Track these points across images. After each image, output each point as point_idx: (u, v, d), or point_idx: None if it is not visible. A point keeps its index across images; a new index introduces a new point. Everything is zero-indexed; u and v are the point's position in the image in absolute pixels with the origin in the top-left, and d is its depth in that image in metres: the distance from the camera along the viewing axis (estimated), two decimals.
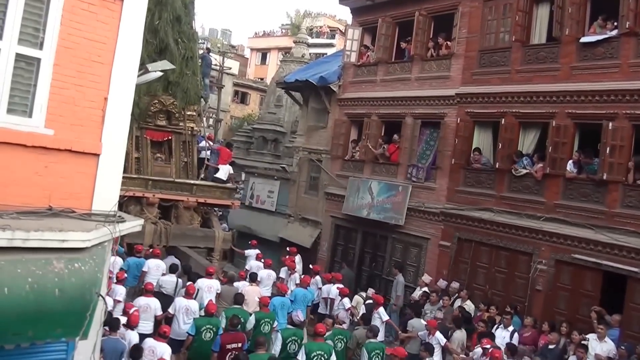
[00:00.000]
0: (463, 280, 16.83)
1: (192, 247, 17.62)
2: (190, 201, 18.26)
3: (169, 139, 18.70)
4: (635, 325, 13.12)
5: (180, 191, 18.18)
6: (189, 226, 18.28)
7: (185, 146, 18.99)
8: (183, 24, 18.55)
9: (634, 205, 13.53)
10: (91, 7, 6.83)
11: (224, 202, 19.52)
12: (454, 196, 17.65)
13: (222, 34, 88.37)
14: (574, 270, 14.58)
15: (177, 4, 18.28)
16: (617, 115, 13.92)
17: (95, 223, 6.54)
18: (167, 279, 14.12)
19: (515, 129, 16.35)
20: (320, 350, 10.31)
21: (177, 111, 18.44)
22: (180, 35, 18.36)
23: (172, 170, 18.63)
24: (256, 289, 14.17)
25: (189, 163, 19.05)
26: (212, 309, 11.59)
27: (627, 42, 14.10)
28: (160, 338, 10.10)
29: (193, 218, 18.65)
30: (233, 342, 10.64)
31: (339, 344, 11.61)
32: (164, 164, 18.64)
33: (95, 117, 6.96)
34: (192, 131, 19.09)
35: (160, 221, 17.66)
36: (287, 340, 11.05)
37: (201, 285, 13.29)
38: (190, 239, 17.93)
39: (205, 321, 11.29)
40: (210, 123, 52.55)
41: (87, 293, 6.02)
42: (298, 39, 40.62)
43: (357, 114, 21.76)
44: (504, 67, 16.81)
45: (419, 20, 19.47)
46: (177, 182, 18.21)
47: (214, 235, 18.49)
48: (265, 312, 12.25)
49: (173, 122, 18.57)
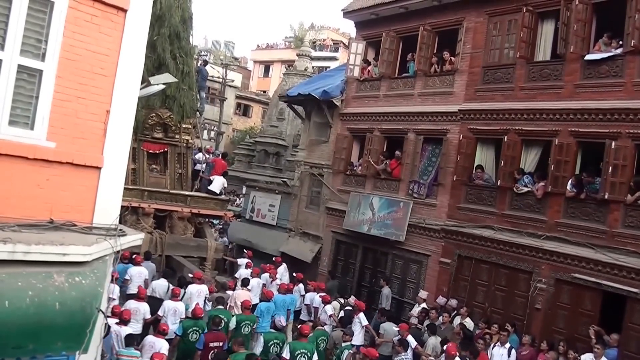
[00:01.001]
0: (463, 297, 16.75)
1: (185, 256, 18.08)
2: (184, 212, 18.81)
3: (165, 151, 19.25)
4: (634, 346, 13.03)
5: (175, 202, 18.75)
6: (183, 236, 18.74)
7: (180, 158, 19.58)
8: (181, 39, 19.04)
9: (635, 225, 13.47)
10: (94, 19, 6.85)
11: (217, 213, 20.15)
12: (455, 213, 17.61)
13: (225, 46, 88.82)
14: (574, 289, 14.51)
15: (175, 19, 18.74)
16: (620, 134, 13.88)
17: (97, 237, 6.53)
18: (160, 283, 14.87)
19: (518, 146, 16.32)
20: (303, 349, 11.15)
21: (173, 124, 19.00)
22: (179, 51, 18.85)
23: (167, 181, 19.23)
24: (247, 294, 14.76)
25: (183, 174, 19.70)
26: (199, 312, 12.39)
27: (632, 61, 14.08)
28: (160, 335, 11.01)
29: (186, 228, 19.12)
30: (215, 341, 11.42)
31: (321, 344, 12.57)
32: (160, 175, 19.22)
33: (97, 130, 6.97)
34: (187, 143, 19.68)
35: (155, 231, 18.13)
36: (269, 343, 11.91)
37: (192, 289, 14.27)
38: (184, 248, 18.41)
39: (192, 323, 12.06)
40: (212, 135, 52.70)
41: (87, 307, 6.01)
42: (301, 52, 40.73)
43: (359, 128, 21.75)
44: (508, 83, 16.80)
45: (423, 35, 19.49)
46: (171, 193, 18.75)
47: (207, 245, 18.97)
48: (247, 315, 13.04)
49: (169, 134, 19.13)
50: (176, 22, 18.82)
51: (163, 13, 18.23)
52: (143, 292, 13.46)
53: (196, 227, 19.59)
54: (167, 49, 18.32)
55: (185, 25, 19.25)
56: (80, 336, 6.05)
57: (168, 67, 17.63)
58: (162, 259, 17.88)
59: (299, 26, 74.11)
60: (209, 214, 20.01)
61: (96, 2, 6.79)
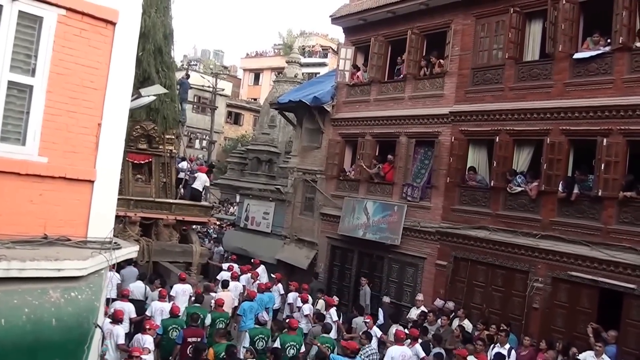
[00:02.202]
0: (460, 299, 16.75)
1: (172, 262, 18.79)
2: (169, 219, 19.44)
3: (150, 161, 19.91)
4: (632, 342, 13.06)
5: (160, 210, 19.42)
6: (169, 242, 19.40)
7: (165, 167, 20.25)
8: (164, 54, 19.80)
9: (630, 221, 13.52)
10: (83, 33, 6.82)
11: (201, 220, 20.93)
12: (450, 215, 17.63)
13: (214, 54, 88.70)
14: (571, 287, 14.54)
15: (158, 35, 19.47)
16: (612, 131, 13.94)
17: (91, 250, 6.49)
18: (137, 285, 15.68)
19: (510, 146, 16.37)
20: (292, 342, 12.07)
21: (157, 135, 19.68)
22: (162, 65, 19.59)
23: (152, 190, 19.87)
24: (229, 294, 15.83)
25: (167, 183, 20.33)
26: (176, 310, 13.12)
27: (621, 58, 14.14)
28: (147, 332, 11.66)
29: (172, 235, 19.75)
30: (194, 336, 12.06)
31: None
32: (145, 184, 19.85)
33: (89, 144, 6.93)
34: (170, 153, 20.32)
35: (142, 238, 18.69)
36: (255, 338, 12.44)
37: (177, 289, 15.27)
38: (170, 254, 19.12)
39: (171, 322, 12.78)
40: (204, 145, 52.67)
41: (84, 322, 5.98)
42: (291, 59, 40.75)
43: (351, 133, 21.78)
44: (498, 84, 16.86)
45: (412, 39, 19.54)
46: (157, 202, 19.42)
47: (192, 251, 19.68)
48: (220, 312, 13.88)
49: (153, 145, 19.78)
50: (160, 38, 19.53)
51: (148, 30, 18.74)
52: (127, 292, 14.34)
53: (181, 234, 20.21)
54: (151, 63, 19.00)
55: (167, 41, 20.01)
56: (78, 352, 6.02)
57: (152, 82, 17.96)
58: (150, 264, 18.51)
59: (287, 33, 74.23)
60: (194, 221, 20.70)
61: (85, 16, 6.76)
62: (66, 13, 6.62)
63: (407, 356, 12.17)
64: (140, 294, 15.46)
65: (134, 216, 18.64)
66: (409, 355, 12.25)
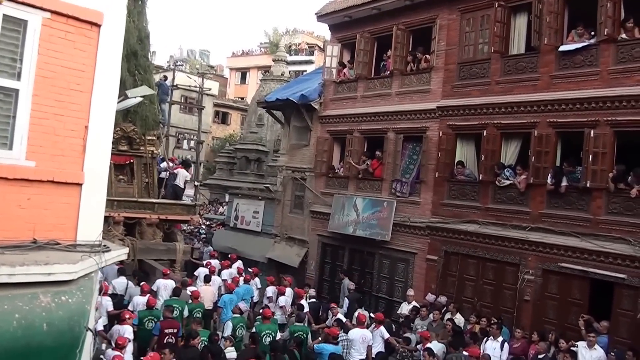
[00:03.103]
0: (451, 293, 16.81)
1: (156, 259, 19.21)
2: (152, 218, 19.86)
3: (131, 162, 20.32)
4: (624, 331, 13.16)
5: (143, 209, 19.83)
6: (152, 241, 19.81)
7: (146, 168, 20.72)
8: (139, 57, 20.35)
9: (619, 211, 13.61)
10: (68, 35, 6.78)
11: (183, 218, 21.38)
12: (439, 209, 17.67)
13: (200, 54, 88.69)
14: (562, 279, 14.61)
15: (132, 40, 19.86)
16: (599, 122, 14.00)
17: (81, 254, 6.46)
18: (119, 281, 16.12)
19: (497, 140, 16.42)
20: (268, 330, 13.02)
21: (137, 137, 20.12)
22: (137, 68, 20.10)
23: (135, 190, 20.31)
24: (210, 288, 16.70)
25: (150, 183, 20.74)
26: (152, 302, 13.81)
27: (606, 49, 14.21)
28: (124, 322, 12.07)
29: (155, 233, 20.18)
30: (170, 328, 12.66)
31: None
32: (127, 185, 20.25)
33: (76, 147, 6.89)
34: (152, 154, 20.75)
35: (126, 238, 19.04)
36: (237, 326, 13.44)
37: (159, 284, 15.91)
38: (154, 252, 19.56)
39: (147, 313, 13.48)
40: (192, 145, 52.55)
41: (75, 326, 5.95)
42: (277, 57, 40.76)
43: (339, 130, 21.78)
44: (484, 78, 16.90)
45: (397, 35, 19.56)
46: (139, 201, 19.88)
47: (175, 248, 20.11)
48: (196, 304, 14.73)
49: (134, 146, 20.19)
50: (134, 42, 19.94)
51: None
52: (106, 288, 14.72)
53: (165, 232, 20.67)
54: (125, 67, 19.11)
55: (142, 44, 20.58)
56: (70, 356, 5.99)
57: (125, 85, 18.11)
58: (135, 262, 18.84)
59: (273, 31, 74.20)
60: (176, 219, 21.13)
61: (70, 18, 6.72)
62: (51, 16, 6.58)
63: (367, 338, 12.97)
64: (122, 289, 15.91)
65: (118, 216, 18.93)
66: (369, 338, 13.03)
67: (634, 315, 12.90)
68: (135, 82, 19.11)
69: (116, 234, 18.48)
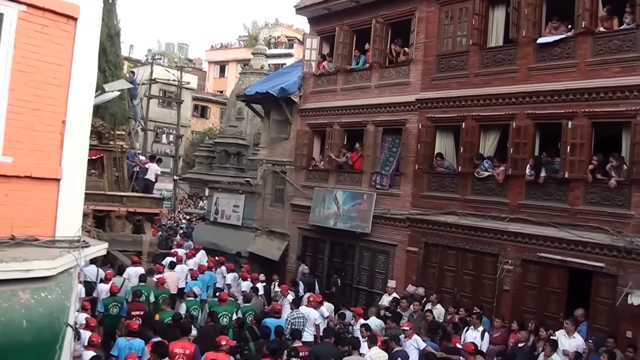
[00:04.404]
0: (432, 284, 16.93)
1: (122, 250, 19.45)
2: (121, 211, 20.18)
3: (101, 156, 20.51)
4: (602, 319, 13.38)
5: (112, 202, 20.09)
6: (120, 233, 20.11)
7: (116, 162, 21.01)
8: (109, 54, 20.53)
9: (596, 201, 13.77)
10: (45, 29, 6.71)
11: (152, 211, 21.55)
12: (419, 201, 17.75)
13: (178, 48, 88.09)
14: (540, 268, 14.77)
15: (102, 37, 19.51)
16: (576, 114, 14.14)
17: (60, 250, 6.42)
18: (90, 269, 15.95)
19: (476, 132, 16.52)
20: (225, 312, 13.82)
21: (106, 132, 20.41)
22: (107, 65, 20.24)
23: (105, 184, 20.53)
24: (174, 274, 17.41)
25: (119, 177, 21.16)
26: (115, 289, 14.47)
27: (584, 42, 14.33)
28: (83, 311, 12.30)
29: (125, 226, 20.46)
30: (137, 310, 13.44)
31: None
32: (98, 179, 20.35)
33: (54, 142, 6.84)
34: (121, 149, 21.11)
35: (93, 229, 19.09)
36: (190, 308, 14.26)
37: (129, 271, 16.43)
38: (120, 243, 19.68)
39: (111, 300, 13.99)
40: (171, 139, 52.31)
41: (55, 322, 5.91)
42: (256, 50, 40.63)
43: (319, 123, 21.79)
44: (463, 71, 16.98)
45: (376, 28, 19.57)
46: (108, 194, 20.08)
47: (142, 240, 20.40)
48: (162, 289, 15.36)
49: (104, 141, 20.42)
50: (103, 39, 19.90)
51: None
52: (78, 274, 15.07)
53: (135, 225, 20.90)
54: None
55: (112, 41, 20.80)
56: (50, 352, 5.96)
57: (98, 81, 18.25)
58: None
59: (252, 25, 73.93)
60: (145, 212, 21.32)
61: (46, 12, 6.66)
62: (27, 9, 6.51)
63: (311, 317, 13.91)
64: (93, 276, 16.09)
65: (86, 209, 19.00)
66: (313, 317, 13.99)
67: (612, 303, 13.07)
68: (105, 79, 19.21)
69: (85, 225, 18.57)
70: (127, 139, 21.95)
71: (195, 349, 10.78)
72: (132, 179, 21.86)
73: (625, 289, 12.71)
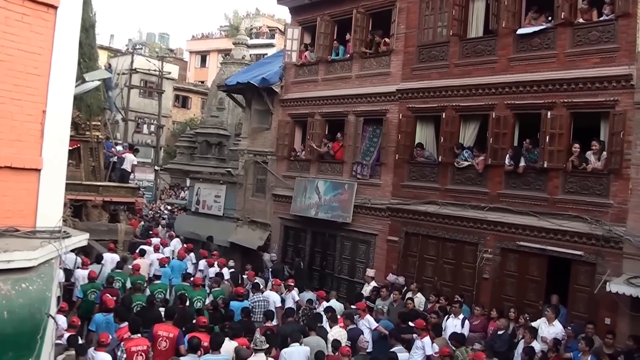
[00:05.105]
0: (412, 273, 17.04)
1: (98, 239, 19.53)
2: (97, 200, 20.61)
3: (78, 147, 20.75)
4: (581, 306, 13.59)
5: (89, 192, 20.48)
6: (97, 222, 20.54)
7: (93, 152, 21.45)
8: (84, 46, 20.47)
9: (575, 190, 13.91)
10: (25, 18, 6.68)
11: (128, 200, 22.12)
12: (400, 191, 17.85)
13: (160, 38, 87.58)
14: (520, 257, 14.93)
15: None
16: (555, 104, 14.26)
17: (41, 240, 6.41)
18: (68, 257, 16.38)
19: (456, 122, 16.61)
20: (199, 296, 14.58)
21: (82, 122, 20.74)
22: (82, 57, 20.14)
23: (82, 174, 20.89)
24: (145, 261, 17.77)
25: (96, 167, 21.55)
26: (93, 275, 15.10)
27: (563, 33, 14.43)
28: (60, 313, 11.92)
29: (101, 215, 20.95)
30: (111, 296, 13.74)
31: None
32: (75, 168, 20.45)
33: (34, 132, 6.82)
34: (97, 139, 21.49)
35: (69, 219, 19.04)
36: (155, 292, 14.95)
37: (106, 257, 17.08)
38: (96, 232, 19.67)
39: (89, 286, 14.66)
40: (152, 130, 52.03)
41: (36, 313, 5.91)
42: (237, 40, 40.44)
43: (300, 114, 21.79)
44: (443, 61, 17.05)
45: (357, 18, 19.59)
46: (84, 184, 20.48)
47: (117, 229, 20.82)
48: (137, 275, 15.89)
49: (80, 132, 20.71)
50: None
51: None
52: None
53: (111, 214, 21.28)
54: None
55: (87, 33, 20.82)
56: (32, 344, 5.96)
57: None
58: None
59: (233, 14, 73.65)
60: (121, 201, 21.80)
61: (26, 0, 6.63)
62: None
63: (271, 300, 14.85)
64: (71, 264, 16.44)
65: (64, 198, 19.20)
66: (273, 300, 14.92)
67: (591, 291, 13.25)
68: (80, 71, 19.19)
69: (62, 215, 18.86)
70: (103, 130, 22.30)
71: (179, 332, 10.99)
72: (109, 169, 22.13)
73: (604, 276, 12.88)
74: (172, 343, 10.80)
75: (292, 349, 10.74)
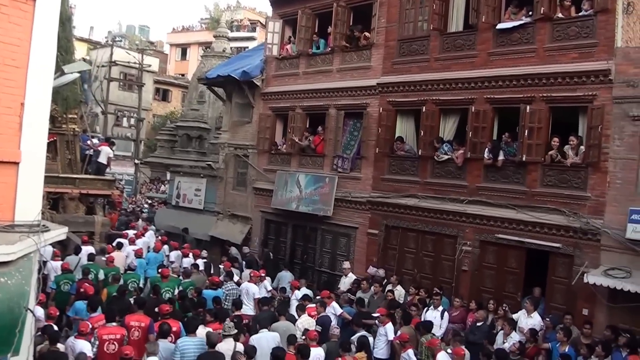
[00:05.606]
0: (392, 266, 17.15)
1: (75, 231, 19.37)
2: (73, 192, 20.66)
3: (54, 139, 20.66)
4: (559, 298, 13.79)
5: (65, 184, 20.49)
6: (74, 214, 20.55)
7: (69, 145, 21.43)
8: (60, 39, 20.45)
9: (553, 183, 14.06)
10: (3, 9, 6.65)
11: (104, 192, 22.23)
12: (380, 185, 17.91)
13: (140, 30, 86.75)
14: (498, 249, 15.07)
15: None
16: (534, 98, 14.38)
17: (19, 234, 6.38)
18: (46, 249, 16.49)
19: (436, 116, 16.69)
20: (167, 287, 14.67)
21: (59, 115, 20.66)
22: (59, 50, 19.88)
23: (59, 166, 20.83)
24: (121, 254, 18.16)
25: (72, 160, 21.55)
26: (66, 266, 15.35)
27: (542, 27, 14.53)
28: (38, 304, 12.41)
29: (78, 207, 21.02)
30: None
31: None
32: (51, 161, 20.25)
33: (12, 124, 6.79)
34: (74, 132, 21.49)
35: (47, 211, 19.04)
36: (128, 281, 15.44)
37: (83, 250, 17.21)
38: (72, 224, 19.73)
39: (62, 277, 14.78)
40: (132, 123, 51.70)
41: (15, 307, 5.90)
42: (218, 33, 40.30)
43: (281, 107, 21.78)
44: (423, 55, 17.11)
45: (338, 12, 19.58)
46: (61, 177, 20.44)
47: (94, 221, 20.92)
48: (111, 267, 16.14)
49: (56, 125, 20.61)
50: None
51: None
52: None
53: (88, 206, 21.50)
54: None
55: (64, 26, 20.61)
56: (10, 338, 5.94)
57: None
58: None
59: (214, 7, 73.12)
60: (97, 194, 21.91)
61: None
62: None
63: (250, 291, 15.24)
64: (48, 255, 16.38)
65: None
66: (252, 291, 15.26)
67: (569, 282, 13.44)
68: (57, 64, 19.04)
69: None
70: (80, 123, 22.37)
71: (150, 321, 11.34)
72: (85, 162, 22.14)
73: (582, 268, 13.10)
74: (144, 332, 11.17)
75: (261, 334, 11.33)
